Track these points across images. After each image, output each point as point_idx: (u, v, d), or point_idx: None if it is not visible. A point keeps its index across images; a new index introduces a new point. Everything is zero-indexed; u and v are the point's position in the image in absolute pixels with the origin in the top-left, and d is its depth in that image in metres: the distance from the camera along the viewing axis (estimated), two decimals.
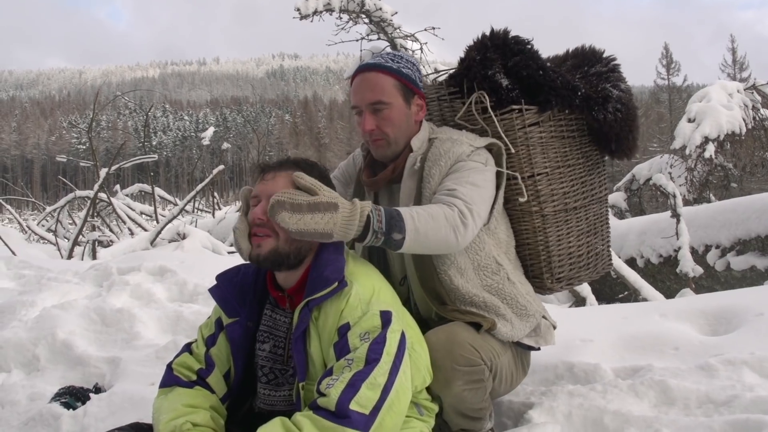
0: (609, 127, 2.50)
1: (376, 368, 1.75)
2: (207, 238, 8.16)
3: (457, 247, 2.10)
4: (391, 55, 2.35)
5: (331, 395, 1.70)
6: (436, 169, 2.25)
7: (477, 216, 2.13)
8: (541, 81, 2.37)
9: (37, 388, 3.04)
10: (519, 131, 2.40)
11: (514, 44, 2.41)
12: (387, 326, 1.83)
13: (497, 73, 2.35)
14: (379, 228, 1.93)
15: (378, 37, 6.83)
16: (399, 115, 2.28)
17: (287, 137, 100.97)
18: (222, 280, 2.10)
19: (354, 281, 1.90)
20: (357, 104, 2.30)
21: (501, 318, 2.27)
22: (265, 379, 2.05)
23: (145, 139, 15.19)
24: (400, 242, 1.97)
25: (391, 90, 2.26)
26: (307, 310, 1.87)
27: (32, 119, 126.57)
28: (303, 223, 1.84)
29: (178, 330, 3.87)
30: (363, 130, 2.29)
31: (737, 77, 39.56)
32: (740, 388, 2.53)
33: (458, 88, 2.44)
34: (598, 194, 2.72)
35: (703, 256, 7.81)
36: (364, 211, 1.92)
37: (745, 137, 11.06)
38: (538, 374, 2.92)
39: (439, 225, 2.02)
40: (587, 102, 2.45)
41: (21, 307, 4.30)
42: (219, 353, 2.07)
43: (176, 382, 2.03)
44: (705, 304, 3.61)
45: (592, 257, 2.71)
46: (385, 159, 2.36)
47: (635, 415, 2.41)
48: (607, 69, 2.61)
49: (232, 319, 2.05)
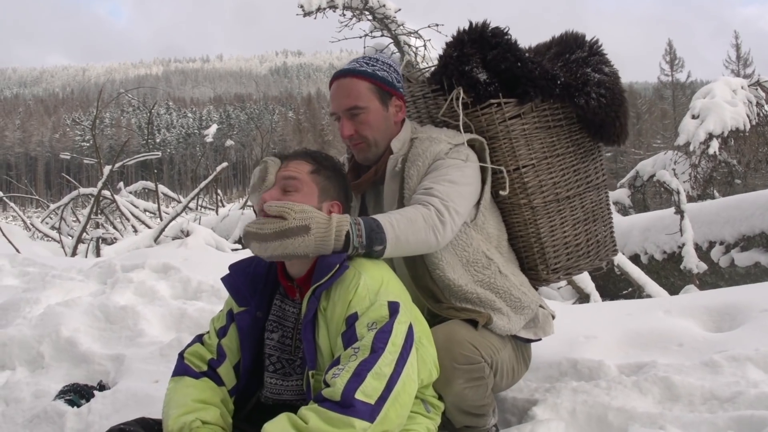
0: (593, 113, 2.46)
1: (381, 357, 1.76)
2: (210, 236, 8.17)
3: (437, 246, 2.12)
4: (366, 59, 2.36)
5: (337, 385, 1.71)
6: (414, 170, 2.26)
7: (455, 212, 2.14)
8: (519, 73, 2.35)
9: (41, 385, 3.04)
10: (500, 125, 2.39)
11: (491, 37, 2.40)
12: (395, 316, 1.83)
13: (474, 68, 2.35)
14: (360, 243, 1.94)
15: (381, 34, 6.82)
16: (376, 118, 2.29)
17: (291, 134, 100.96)
18: (234, 269, 2.12)
19: (363, 272, 1.90)
20: (334, 111, 2.32)
21: (497, 312, 2.27)
22: (273, 368, 2.06)
23: (149, 137, 15.21)
24: (381, 251, 1.99)
25: (366, 94, 2.27)
26: (314, 298, 1.89)
27: (36, 117, 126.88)
28: (273, 250, 1.86)
29: (182, 327, 3.87)
30: (342, 135, 2.32)
31: (741, 73, 39.44)
32: (744, 385, 2.53)
33: (440, 85, 2.44)
34: (595, 181, 2.68)
35: (707, 253, 7.79)
36: (342, 229, 1.92)
37: (749, 133, 11.05)
38: (542, 371, 2.92)
39: (417, 228, 2.04)
40: (567, 90, 2.42)
41: (25, 304, 4.30)
42: (230, 344, 2.08)
43: (186, 372, 2.04)
44: (709, 300, 3.61)
45: (593, 245, 2.69)
46: (368, 162, 2.37)
47: (639, 412, 2.40)
48: (588, 53, 2.57)
49: (242, 309, 2.07)
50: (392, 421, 1.76)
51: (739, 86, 11.44)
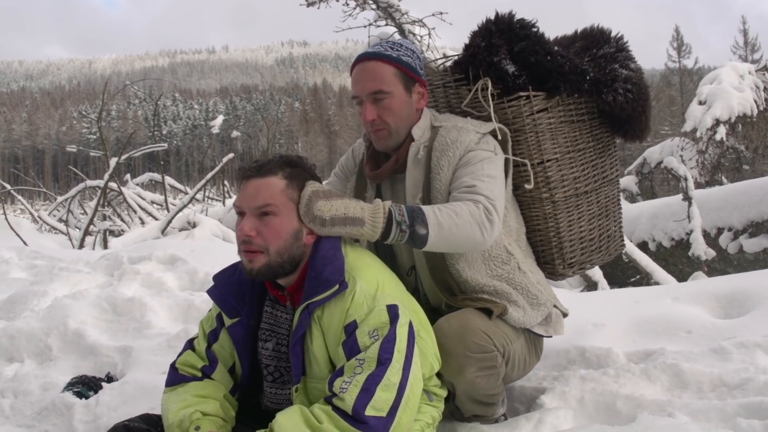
0: (620, 109, 2.46)
1: (389, 368, 1.73)
2: (217, 227, 8.18)
3: (483, 244, 2.07)
4: (390, 43, 2.31)
5: (346, 400, 1.68)
6: (445, 160, 2.22)
7: (501, 210, 2.12)
8: (550, 67, 2.33)
9: (49, 377, 3.05)
10: (527, 118, 2.37)
11: (519, 28, 2.37)
12: (396, 321, 1.80)
13: (503, 59, 2.32)
14: (402, 220, 1.92)
15: (386, 23, 6.78)
16: (400, 104, 2.25)
17: (297, 125, 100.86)
18: (219, 280, 2.05)
19: (357, 277, 1.85)
20: (357, 94, 2.27)
21: (512, 304, 2.26)
22: (271, 377, 2.03)
23: (155, 128, 15.22)
24: (425, 237, 1.95)
25: (391, 79, 2.23)
26: (307, 313, 1.83)
27: (42, 109, 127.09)
28: (335, 209, 1.85)
29: (189, 318, 3.88)
30: (364, 120, 2.27)
31: (749, 59, 39.15)
32: (753, 371, 2.52)
33: (464, 74, 2.40)
34: (610, 176, 2.69)
35: (716, 239, 7.76)
36: (386, 205, 1.93)
37: (757, 119, 10.98)
38: (551, 359, 2.92)
39: (463, 221, 2.00)
40: (596, 85, 2.42)
41: (33, 297, 4.33)
42: (222, 349, 2.04)
43: (183, 380, 2.01)
44: (717, 287, 3.59)
45: (604, 240, 2.69)
46: (388, 149, 2.33)
47: (648, 399, 2.40)
48: (615, 49, 2.56)
49: (233, 320, 2.01)
50: (404, 426, 1.76)
51: (746, 71, 11.36)
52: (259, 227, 1.84)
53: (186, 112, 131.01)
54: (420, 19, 6.74)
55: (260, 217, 1.85)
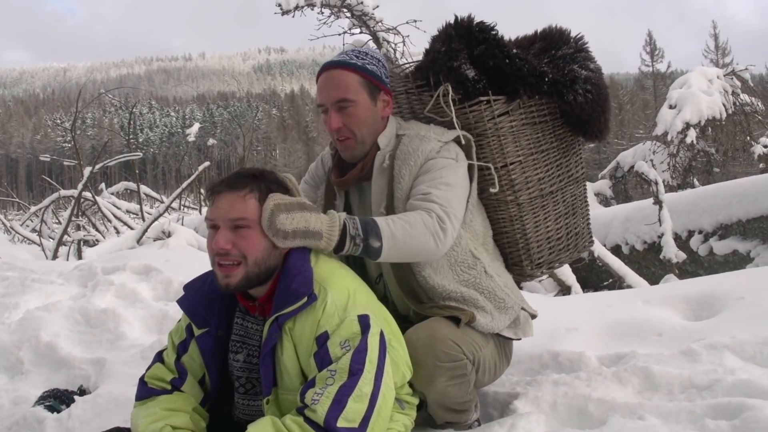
0: (580, 109, 2.46)
1: (360, 379, 1.73)
2: (192, 236, 8.10)
3: (437, 253, 2.09)
4: (356, 52, 2.32)
5: (318, 411, 1.68)
6: (406, 169, 2.24)
7: (455, 219, 2.13)
8: (508, 70, 2.34)
9: (20, 391, 3.01)
10: (489, 122, 2.38)
11: (478, 32, 2.38)
12: (367, 331, 1.80)
13: (463, 64, 2.33)
14: (356, 233, 1.93)
15: (360, 31, 6.81)
16: (365, 113, 2.25)
17: (275, 132, 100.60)
18: (190, 290, 2.04)
19: (328, 288, 1.85)
20: (323, 102, 2.28)
21: (480, 310, 2.26)
22: (243, 389, 2.02)
23: (131, 137, 15.09)
24: (379, 250, 1.97)
25: (356, 87, 2.24)
26: (276, 325, 1.83)
27: (16, 118, 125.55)
28: (297, 223, 1.85)
29: (163, 329, 3.84)
30: (329, 128, 2.27)
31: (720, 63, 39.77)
32: (722, 372, 2.56)
33: (425, 80, 2.41)
34: (575, 174, 2.70)
35: (687, 242, 7.88)
36: (341, 218, 1.94)
37: (726, 122, 11.18)
38: (524, 364, 2.94)
39: (417, 232, 2.02)
40: (555, 86, 2.42)
41: (4, 309, 4.26)
42: (191, 360, 2.03)
43: (153, 393, 1.99)
44: (688, 289, 3.64)
45: (572, 238, 2.71)
46: (354, 159, 2.33)
47: (619, 402, 2.43)
48: (574, 50, 2.57)
49: (202, 330, 2.00)
50: None
51: (715, 76, 11.55)
52: (234, 240, 1.84)
53: (162, 120, 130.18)
54: (394, 26, 6.78)
55: (234, 230, 1.84)
